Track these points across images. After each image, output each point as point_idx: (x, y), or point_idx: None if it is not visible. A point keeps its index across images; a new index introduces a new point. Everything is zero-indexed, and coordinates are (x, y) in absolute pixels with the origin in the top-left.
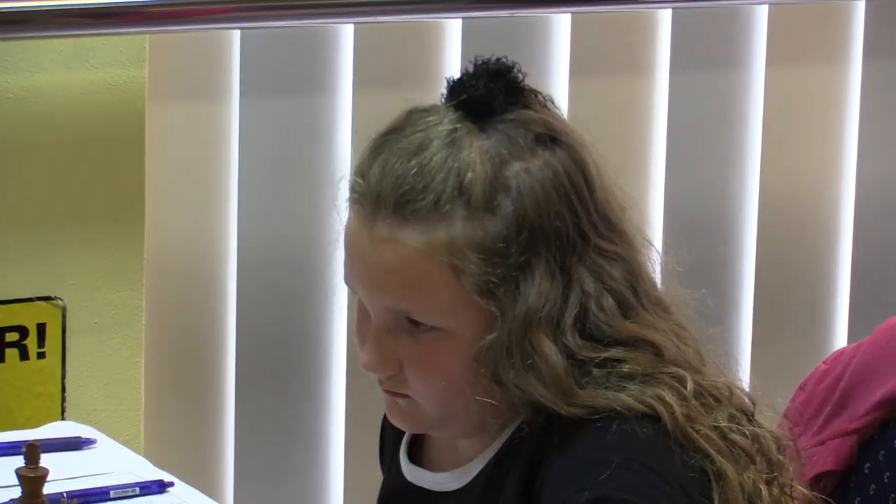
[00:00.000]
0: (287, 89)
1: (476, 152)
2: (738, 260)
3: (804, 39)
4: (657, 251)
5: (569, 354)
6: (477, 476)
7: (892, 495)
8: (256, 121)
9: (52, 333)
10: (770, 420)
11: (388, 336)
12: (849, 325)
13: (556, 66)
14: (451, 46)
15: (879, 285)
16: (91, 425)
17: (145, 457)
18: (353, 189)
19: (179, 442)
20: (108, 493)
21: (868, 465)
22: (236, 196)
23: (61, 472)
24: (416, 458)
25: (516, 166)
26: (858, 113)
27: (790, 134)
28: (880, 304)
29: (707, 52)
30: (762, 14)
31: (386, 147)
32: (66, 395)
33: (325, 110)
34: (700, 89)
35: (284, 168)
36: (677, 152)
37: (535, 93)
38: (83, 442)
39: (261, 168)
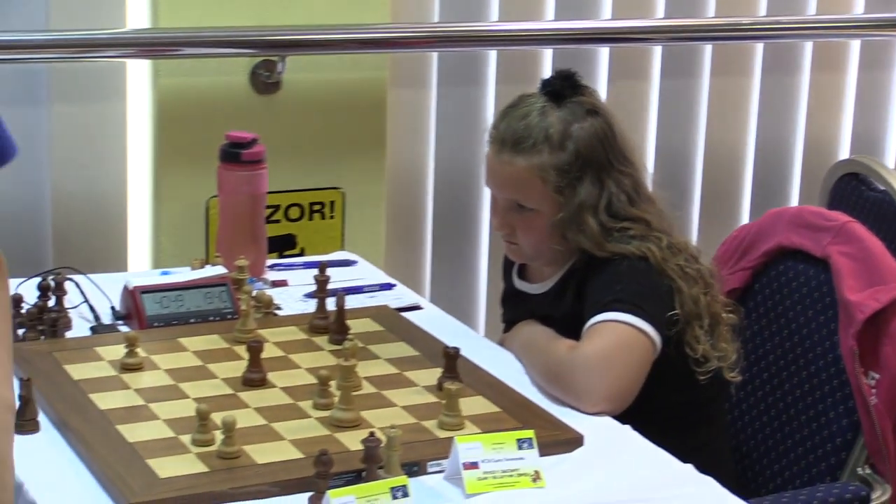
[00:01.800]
0: (452, 83)
1: (555, 118)
2: (691, 179)
3: None
4: (650, 174)
5: (601, 224)
6: (552, 287)
7: (767, 303)
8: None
9: (338, 206)
10: (706, 261)
11: (507, 213)
12: (749, 211)
13: (600, 72)
14: (547, 60)
15: (771, 190)
16: (356, 253)
17: (384, 270)
18: (490, 135)
19: (401, 262)
20: (362, 289)
21: (757, 285)
22: (433, 139)
23: (337, 279)
24: (521, 275)
25: (575, 126)
26: None
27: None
28: (769, 204)
29: None
30: None
31: (508, 114)
32: (344, 238)
33: (475, 100)
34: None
35: (466, 124)
36: (664, 114)
37: (586, 86)
38: (351, 262)
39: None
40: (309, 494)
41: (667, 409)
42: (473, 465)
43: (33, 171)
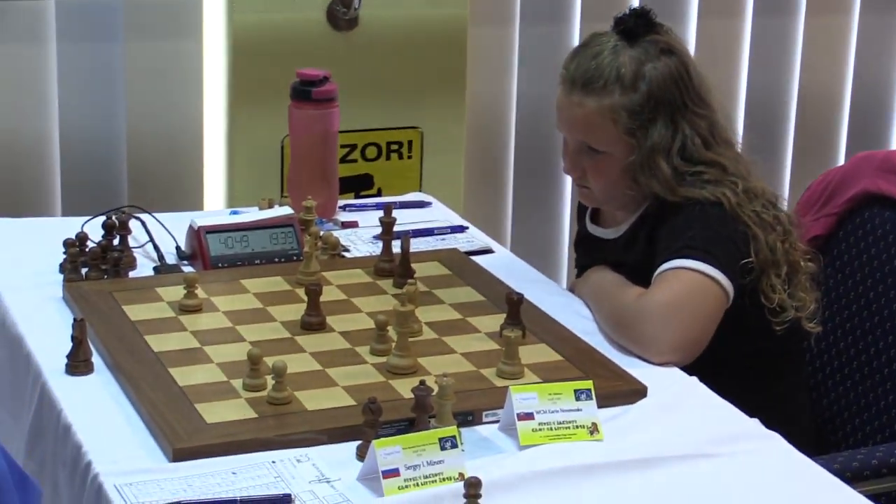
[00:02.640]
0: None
1: (627, 58)
2: (784, 122)
3: None
4: (728, 115)
5: (674, 168)
6: (624, 231)
7: (851, 251)
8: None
9: (416, 146)
10: (787, 207)
11: (578, 155)
12: (844, 157)
13: (689, 9)
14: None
15: (868, 134)
16: (433, 195)
17: (459, 213)
18: (560, 76)
19: (480, 204)
20: (433, 231)
21: (841, 233)
22: (515, 78)
23: (410, 219)
24: (594, 220)
25: (649, 65)
26: None
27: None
28: (866, 149)
29: None
30: None
31: (579, 53)
32: (422, 178)
33: (558, 38)
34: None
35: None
36: (756, 54)
37: (661, 25)
38: (426, 203)
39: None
40: (357, 443)
41: (740, 361)
42: (528, 416)
43: (108, 109)
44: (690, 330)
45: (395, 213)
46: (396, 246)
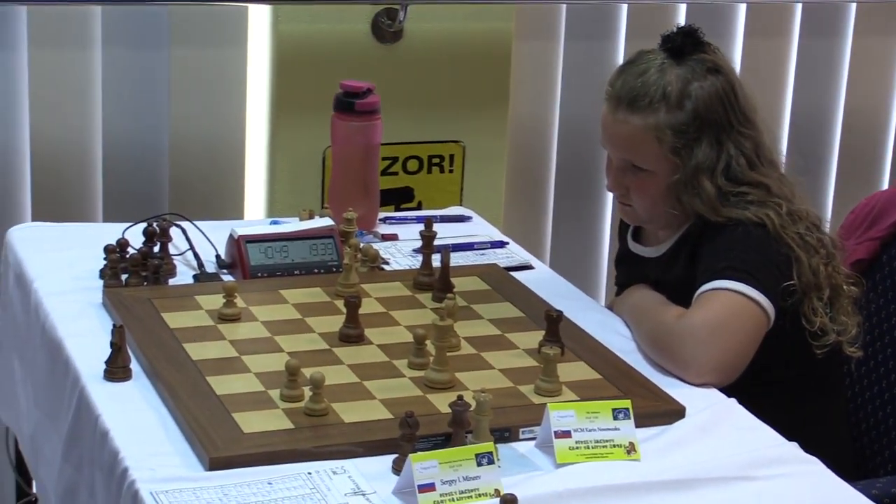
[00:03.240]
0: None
1: (674, 76)
2: (828, 144)
3: None
4: (774, 135)
5: (717, 188)
6: (666, 250)
7: (894, 276)
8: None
9: (457, 160)
10: (830, 230)
11: (621, 173)
12: (889, 180)
13: (736, 29)
14: (680, 15)
15: None
16: (473, 209)
17: (499, 228)
18: (606, 93)
19: (520, 220)
20: (472, 245)
21: (884, 257)
22: (559, 94)
23: (450, 234)
24: (636, 238)
25: (695, 84)
26: None
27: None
28: None
29: None
30: None
31: (625, 70)
32: (462, 192)
33: (603, 54)
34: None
35: (593, 80)
36: (802, 74)
37: (709, 44)
38: (466, 218)
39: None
40: (393, 456)
41: (779, 383)
42: (565, 434)
43: (151, 116)
44: (730, 351)
45: (435, 226)
46: (436, 260)
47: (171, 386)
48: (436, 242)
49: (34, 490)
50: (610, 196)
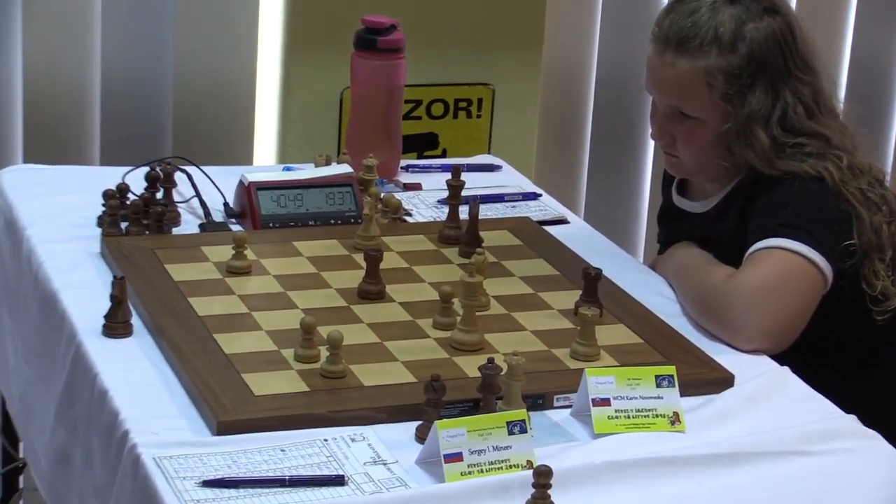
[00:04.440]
0: None
1: (727, 16)
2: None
3: None
4: (834, 82)
5: (772, 138)
6: (715, 205)
7: None
8: None
9: (486, 104)
10: (893, 185)
11: (667, 121)
12: None
13: None
14: None
15: None
16: (503, 158)
17: (531, 179)
18: (652, 33)
19: (554, 170)
20: (502, 197)
21: None
22: (597, 34)
23: (479, 184)
24: (681, 192)
25: (750, 25)
26: None
27: None
28: None
29: None
30: None
31: (674, 9)
32: (491, 140)
33: None
34: None
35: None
36: (863, 17)
37: None
38: (495, 167)
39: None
40: (417, 423)
41: (836, 351)
42: (604, 402)
43: (154, 52)
44: (783, 315)
45: (462, 176)
46: (463, 212)
47: (176, 343)
48: (463, 193)
49: (21, 455)
50: (652, 145)
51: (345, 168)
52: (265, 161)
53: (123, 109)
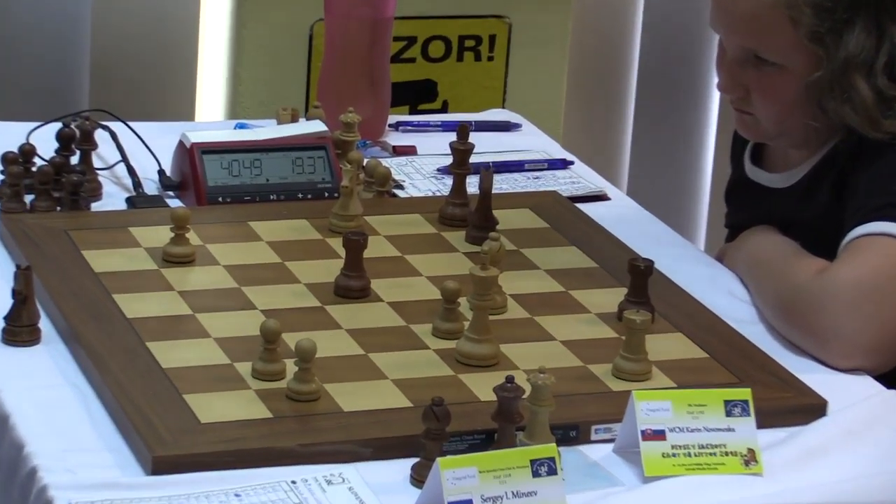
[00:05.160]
0: None
1: None
2: None
3: None
4: None
5: (877, 92)
6: (801, 178)
7: None
8: None
9: (500, 43)
10: None
11: (738, 67)
12: None
13: None
14: None
15: None
16: (521, 114)
17: (559, 141)
18: None
19: (587, 132)
20: (522, 165)
21: None
22: None
23: (491, 147)
24: (756, 161)
25: None
26: None
27: None
28: None
29: None
30: None
31: None
32: (506, 89)
33: None
34: None
35: None
36: None
37: None
38: (512, 125)
39: None
40: (413, 461)
41: None
42: (658, 436)
43: None
44: (890, 323)
45: (470, 137)
46: (472, 184)
47: (98, 354)
48: (471, 160)
49: None
50: (717, 100)
51: (316, 126)
52: (212, 116)
53: (28, 51)
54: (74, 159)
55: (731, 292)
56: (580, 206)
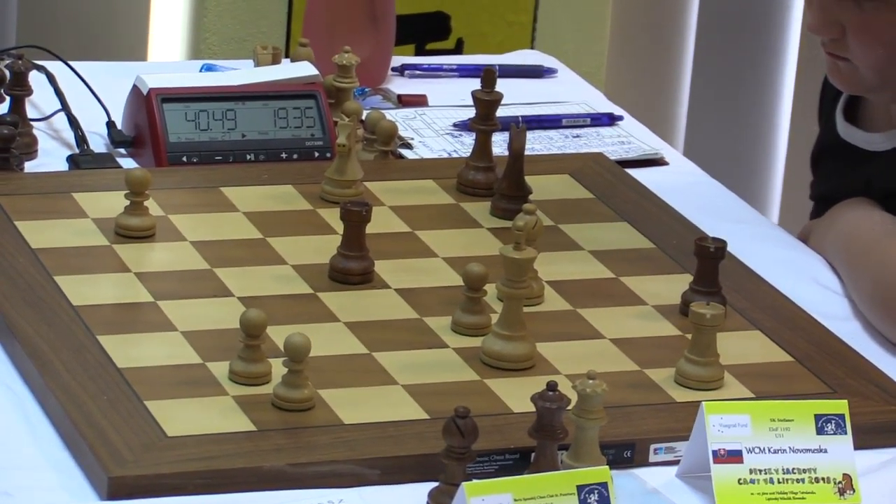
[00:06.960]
0: None
1: None
2: None
3: None
4: None
5: None
6: None
7: None
8: None
9: None
10: None
11: (834, 4)
12: None
13: None
14: None
15: None
16: (556, 56)
17: (603, 91)
18: None
19: (637, 80)
20: (560, 120)
21: None
22: None
23: (518, 98)
24: (851, 118)
25: None
26: None
27: None
28: None
29: None
30: None
31: None
32: (536, 25)
33: None
34: None
35: None
36: None
37: None
38: (544, 71)
39: None
40: (432, 486)
41: None
42: (733, 457)
43: None
44: None
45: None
46: (498, 143)
47: (38, 350)
48: (498, 113)
49: None
50: (796, 41)
51: (304, 68)
52: (172, 56)
53: None
54: (3, 108)
55: (819, 280)
56: (631, 171)
